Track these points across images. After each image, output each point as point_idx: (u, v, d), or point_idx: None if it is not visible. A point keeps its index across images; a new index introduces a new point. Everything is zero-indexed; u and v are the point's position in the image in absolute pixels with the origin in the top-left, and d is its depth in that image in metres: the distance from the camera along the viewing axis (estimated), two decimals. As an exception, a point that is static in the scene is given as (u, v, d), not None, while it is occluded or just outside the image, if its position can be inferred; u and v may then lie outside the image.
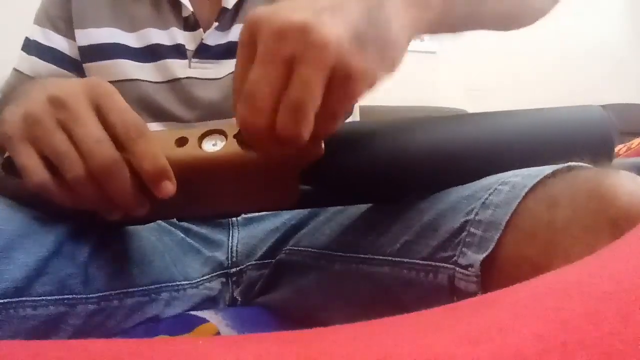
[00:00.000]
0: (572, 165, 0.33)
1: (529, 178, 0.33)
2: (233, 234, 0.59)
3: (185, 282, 0.52)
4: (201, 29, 0.61)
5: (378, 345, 0.16)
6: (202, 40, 0.61)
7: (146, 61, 0.61)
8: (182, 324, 0.48)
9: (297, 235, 0.54)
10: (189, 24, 0.61)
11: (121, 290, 0.44)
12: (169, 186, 0.34)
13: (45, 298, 0.37)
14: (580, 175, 0.32)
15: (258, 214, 0.60)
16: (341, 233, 0.47)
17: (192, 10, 0.60)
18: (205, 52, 0.61)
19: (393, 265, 0.39)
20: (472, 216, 0.34)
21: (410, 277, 0.37)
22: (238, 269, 0.57)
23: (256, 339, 0.19)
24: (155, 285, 0.48)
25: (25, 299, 0.36)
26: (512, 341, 0.15)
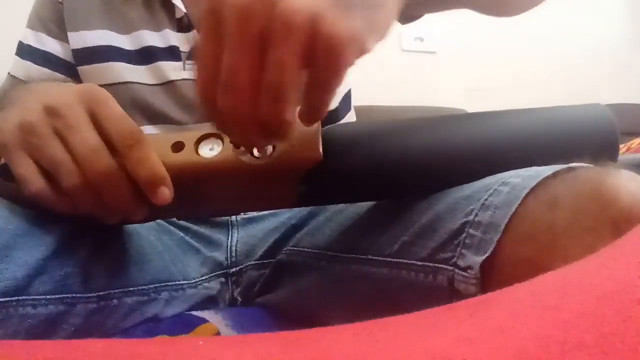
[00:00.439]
0: (573, 165, 0.33)
1: (529, 179, 0.33)
2: (232, 233, 0.58)
3: (185, 282, 0.52)
4: (195, 30, 0.61)
5: (378, 345, 0.16)
6: None
7: (140, 63, 0.60)
8: (182, 324, 0.48)
9: (297, 235, 0.54)
10: (182, 26, 0.61)
11: (120, 290, 0.44)
12: (166, 193, 0.34)
13: (45, 297, 0.37)
14: (581, 176, 0.31)
15: (257, 214, 0.60)
16: (341, 233, 0.47)
17: (185, 11, 0.60)
18: None
19: (392, 267, 0.39)
20: (472, 217, 0.34)
21: (409, 279, 0.37)
22: (237, 268, 0.57)
23: (256, 339, 0.19)
24: (154, 285, 0.48)
25: (25, 297, 0.36)
26: (512, 341, 0.15)
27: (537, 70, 1.91)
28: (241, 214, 0.59)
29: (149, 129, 0.60)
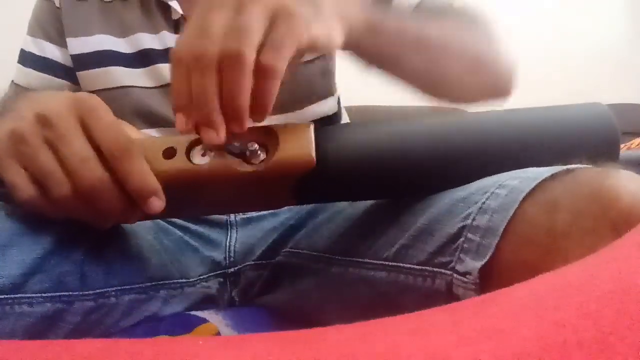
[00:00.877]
0: (571, 167, 0.32)
1: (527, 181, 0.33)
2: (231, 233, 0.58)
3: (183, 280, 0.52)
4: None
5: (378, 345, 0.16)
6: None
7: (138, 66, 0.60)
8: (182, 324, 0.48)
9: (296, 236, 0.54)
10: (179, 27, 0.61)
11: (118, 287, 0.44)
12: (157, 203, 0.34)
13: (41, 295, 0.38)
14: (579, 177, 0.31)
15: (257, 214, 0.60)
16: (339, 235, 0.47)
17: (182, 13, 0.60)
18: None
19: (390, 270, 0.39)
20: (470, 221, 0.34)
21: (407, 283, 0.37)
22: (236, 268, 0.57)
23: (256, 339, 0.19)
24: (152, 283, 0.48)
25: (21, 295, 0.36)
26: (512, 341, 0.15)
27: (537, 71, 1.91)
28: (240, 213, 0.59)
29: (148, 132, 0.60)
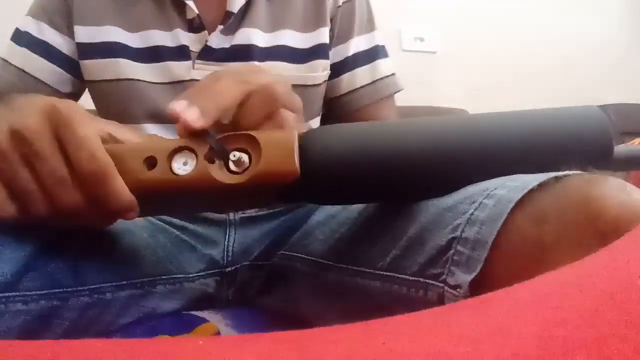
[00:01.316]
0: (559, 175, 0.32)
1: (515, 191, 0.32)
2: (230, 233, 0.58)
3: (182, 276, 0.52)
4: (206, 31, 0.61)
5: (378, 345, 0.16)
6: (207, 42, 0.61)
7: (146, 61, 0.61)
8: (182, 324, 0.48)
9: (291, 239, 0.54)
10: (193, 26, 0.61)
11: (113, 283, 0.44)
12: (132, 215, 0.34)
13: (35, 292, 0.38)
14: (567, 187, 0.31)
15: (256, 214, 0.60)
16: (334, 240, 0.47)
17: (197, 12, 0.60)
18: (210, 55, 0.61)
19: (384, 280, 0.39)
20: (459, 233, 0.34)
21: (401, 293, 0.37)
22: (233, 268, 0.57)
23: (256, 339, 0.19)
24: (148, 278, 0.48)
25: (15, 294, 0.36)
26: (512, 341, 0.15)
27: (537, 70, 1.91)
28: (239, 213, 0.59)
29: (151, 128, 0.60)
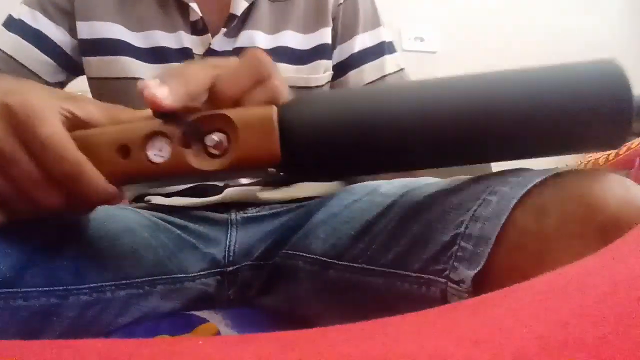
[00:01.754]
0: (560, 171, 0.33)
1: (518, 187, 0.33)
2: (231, 232, 0.58)
3: (182, 275, 0.52)
4: (209, 33, 0.61)
5: (378, 345, 0.16)
6: (210, 45, 0.61)
7: (151, 62, 0.61)
8: (182, 324, 0.48)
9: (293, 238, 0.54)
10: (196, 28, 0.61)
11: (113, 282, 0.44)
12: (117, 200, 0.34)
13: (36, 289, 0.38)
14: (568, 182, 0.31)
15: (258, 214, 0.60)
16: (337, 238, 0.47)
17: (201, 14, 0.60)
18: (213, 57, 0.61)
19: (387, 277, 0.39)
20: (462, 229, 0.34)
21: (403, 290, 0.38)
22: (234, 268, 0.57)
23: (256, 339, 0.19)
24: (148, 278, 0.48)
25: (15, 290, 0.37)
26: (512, 341, 0.15)
27: (537, 70, 1.91)
28: (241, 213, 0.59)
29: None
